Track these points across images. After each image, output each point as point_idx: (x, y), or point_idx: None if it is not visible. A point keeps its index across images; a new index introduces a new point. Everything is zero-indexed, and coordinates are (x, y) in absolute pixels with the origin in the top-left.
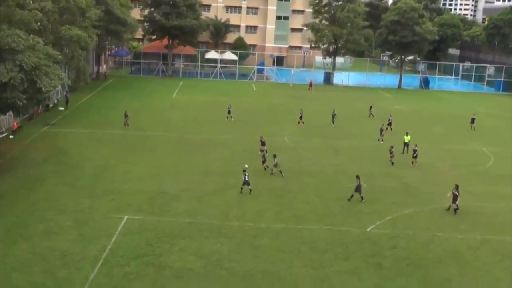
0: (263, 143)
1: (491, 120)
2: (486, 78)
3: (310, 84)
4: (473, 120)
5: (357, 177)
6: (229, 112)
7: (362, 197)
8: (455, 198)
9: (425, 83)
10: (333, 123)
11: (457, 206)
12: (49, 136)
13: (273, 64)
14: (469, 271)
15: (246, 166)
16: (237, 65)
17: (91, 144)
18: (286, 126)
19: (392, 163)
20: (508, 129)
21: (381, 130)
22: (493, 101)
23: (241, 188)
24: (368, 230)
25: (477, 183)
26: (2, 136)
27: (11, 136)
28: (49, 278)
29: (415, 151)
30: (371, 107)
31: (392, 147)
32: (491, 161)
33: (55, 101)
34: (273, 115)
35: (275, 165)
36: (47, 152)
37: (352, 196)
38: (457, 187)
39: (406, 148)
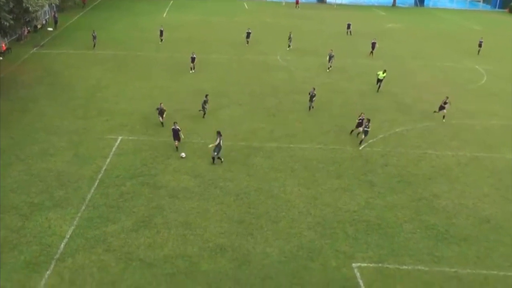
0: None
1: (485, 37)
2: None
3: (297, 2)
4: (480, 44)
5: (218, 133)
6: (161, 33)
7: (221, 159)
8: (366, 132)
9: (420, 0)
10: (289, 46)
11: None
12: (39, 57)
13: None
14: (458, 187)
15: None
16: None
17: (82, 65)
18: (278, 45)
19: (309, 108)
20: (503, 47)
21: (330, 57)
22: (489, 18)
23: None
24: (360, 148)
25: (469, 101)
26: None
27: (0, 58)
28: (47, 198)
29: (445, 104)
30: (348, 25)
31: (314, 88)
32: (484, 79)
33: (44, 22)
34: (265, 34)
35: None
36: (37, 74)
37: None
38: (368, 120)
39: (379, 84)
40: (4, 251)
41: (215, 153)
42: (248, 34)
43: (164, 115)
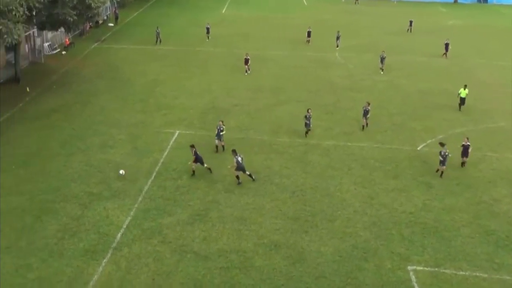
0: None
1: None
2: None
3: None
4: None
5: (233, 151)
6: (207, 31)
7: (252, 177)
8: (442, 162)
9: None
10: (337, 45)
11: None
12: (100, 52)
13: None
14: None
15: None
16: None
17: (142, 60)
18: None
19: (363, 127)
20: None
21: (382, 59)
22: None
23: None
24: (418, 148)
25: None
26: (55, 52)
27: (63, 52)
28: (105, 189)
29: None
30: (411, 22)
31: (368, 103)
32: None
33: (105, 18)
34: (323, 30)
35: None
36: (99, 68)
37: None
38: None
39: (462, 104)
40: (65, 238)
41: (247, 173)
42: (309, 33)
43: (222, 136)
